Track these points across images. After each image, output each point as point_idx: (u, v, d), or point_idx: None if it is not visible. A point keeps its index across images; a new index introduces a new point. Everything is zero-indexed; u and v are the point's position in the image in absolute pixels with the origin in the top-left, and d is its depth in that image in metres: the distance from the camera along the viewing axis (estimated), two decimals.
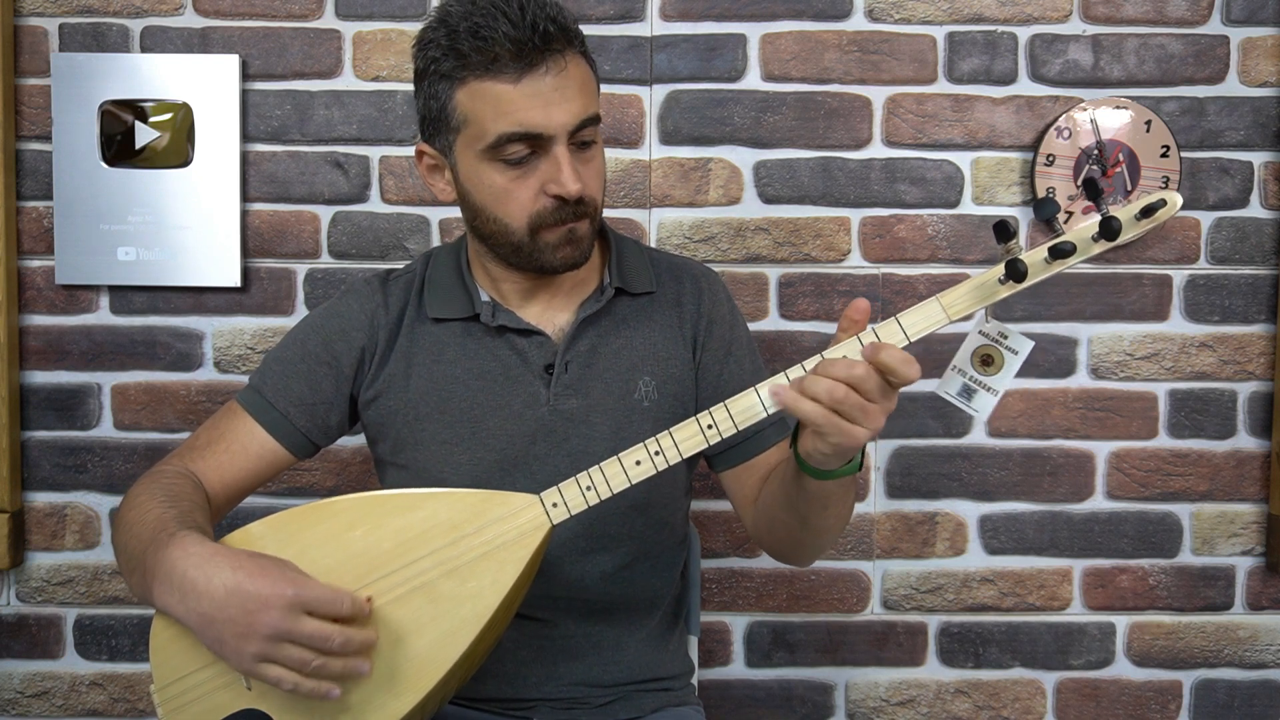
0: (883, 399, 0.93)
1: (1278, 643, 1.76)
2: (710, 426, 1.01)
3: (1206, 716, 1.76)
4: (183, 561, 0.99)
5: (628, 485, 1.03)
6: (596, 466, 1.04)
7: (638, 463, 1.03)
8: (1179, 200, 0.94)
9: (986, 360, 1.00)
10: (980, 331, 1.01)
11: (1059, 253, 0.94)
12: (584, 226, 1.15)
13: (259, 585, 0.96)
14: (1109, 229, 0.93)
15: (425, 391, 1.21)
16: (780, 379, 0.99)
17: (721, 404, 1.01)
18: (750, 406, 1.00)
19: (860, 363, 0.92)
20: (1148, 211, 0.93)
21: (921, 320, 0.98)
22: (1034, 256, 0.96)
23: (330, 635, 0.96)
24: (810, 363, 0.97)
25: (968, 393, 1.01)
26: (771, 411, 1.00)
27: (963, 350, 1.01)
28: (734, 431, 1.01)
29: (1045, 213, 0.99)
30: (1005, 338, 1.00)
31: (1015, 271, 0.95)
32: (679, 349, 1.25)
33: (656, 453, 1.03)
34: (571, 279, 1.23)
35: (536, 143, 1.10)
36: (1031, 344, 1.00)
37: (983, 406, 1.01)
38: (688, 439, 1.02)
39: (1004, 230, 0.94)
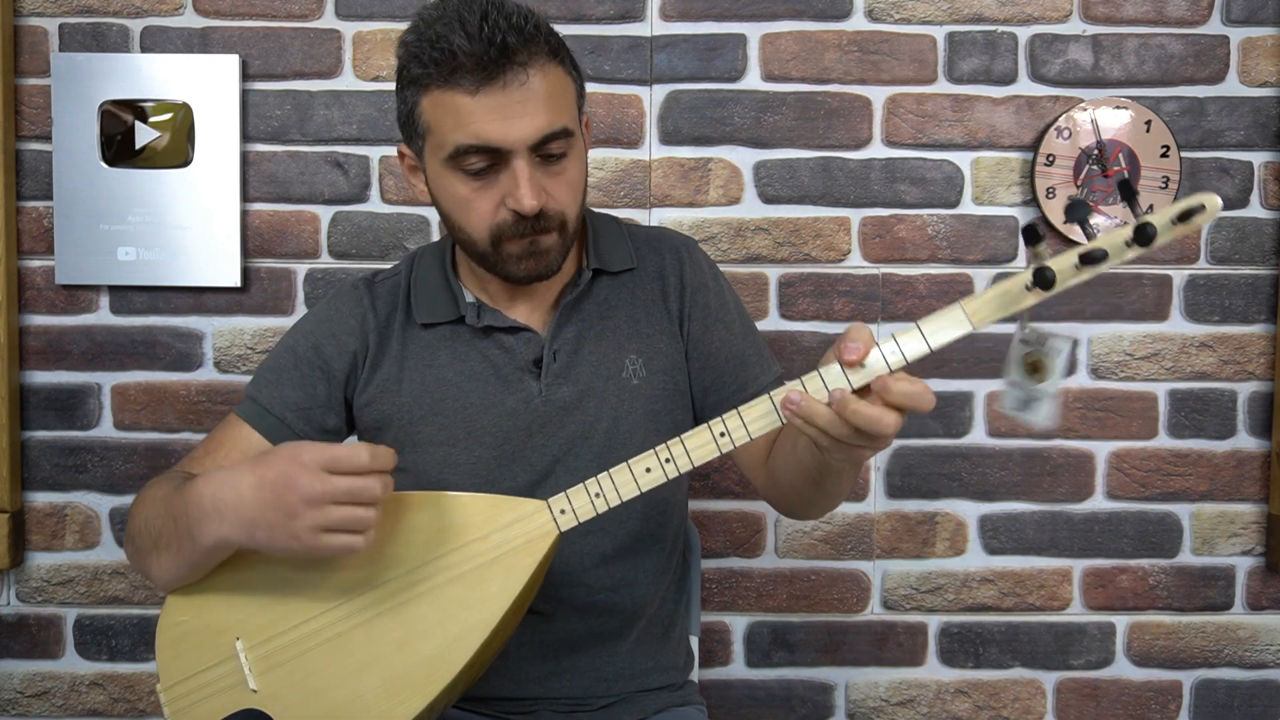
0: (893, 427, 0.90)
1: (1278, 643, 1.76)
2: (723, 434, 1.00)
3: (1206, 716, 1.76)
4: (209, 489, 1.01)
5: (638, 493, 1.02)
6: (606, 473, 1.02)
7: (648, 470, 1.01)
8: (1219, 204, 0.87)
9: (1034, 367, 0.97)
10: (1020, 340, 0.97)
11: (1090, 259, 0.89)
12: (549, 240, 1.12)
13: (276, 468, 0.97)
14: (1144, 235, 0.87)
15: (418, 396, 1.21)
16: (796, 385, 0.96)
17: (735, 411, 0.99)
18: (765, 414, 0.98)
19: (869, 408, 0.89)
20: (1185, 216, 0.87)
21: (944, 327, 0.94)
22: (1063, 263, 0.90)
23: (368, 486, 0.96)
24: (829, 372, 0.94)
25: (1026, 404, 0.98)
26: (785, 421, 0.98)
27: (1011, 362, 0.98)
28: (747, 440, 0.99)
29: (1077, 215, 0.90)
30: (1045, 340, 0.96)
31: (1043, 278, 0.90)
32: (664, 322, 1.24)
33: (667, 460, 1.01)
34: None
35: (496, 156, 1.08)
36: (1072, 340, 0.95)
37: (1044, 414, 0.97)
38: (699, 447, 1.00)
39: (1032, 234, 0.89)
